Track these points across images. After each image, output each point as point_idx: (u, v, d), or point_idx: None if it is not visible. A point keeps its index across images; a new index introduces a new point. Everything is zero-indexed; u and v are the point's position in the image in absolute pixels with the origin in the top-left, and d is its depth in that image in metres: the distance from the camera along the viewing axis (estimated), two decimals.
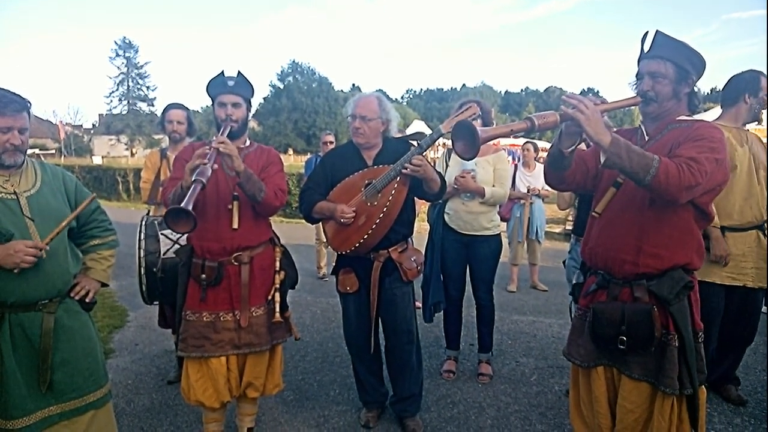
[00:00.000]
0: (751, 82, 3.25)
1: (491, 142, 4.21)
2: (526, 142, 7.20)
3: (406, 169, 2.82)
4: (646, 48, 2.19)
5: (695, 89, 2.22)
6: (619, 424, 2.25)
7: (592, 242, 2.33)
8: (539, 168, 6.75)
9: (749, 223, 3.19)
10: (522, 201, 6.53)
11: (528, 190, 6.51)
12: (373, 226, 2.88)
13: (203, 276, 2.78)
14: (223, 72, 2.85)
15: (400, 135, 3.35)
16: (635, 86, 2.25)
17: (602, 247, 2.27)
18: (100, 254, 2.57)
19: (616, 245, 2.22)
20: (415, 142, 2.96)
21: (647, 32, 2.19)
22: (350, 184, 3.03)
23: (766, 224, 3.25)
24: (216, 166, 2.60)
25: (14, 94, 2.21)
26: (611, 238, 2.24)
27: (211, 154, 2.53)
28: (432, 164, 3.05)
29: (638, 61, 2.24)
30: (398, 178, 2.87)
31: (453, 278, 3.94)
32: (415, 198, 3.18)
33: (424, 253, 3.63)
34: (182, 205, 2.30)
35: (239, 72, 2.88)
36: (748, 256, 3.22)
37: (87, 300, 2.44)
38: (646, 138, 2.25)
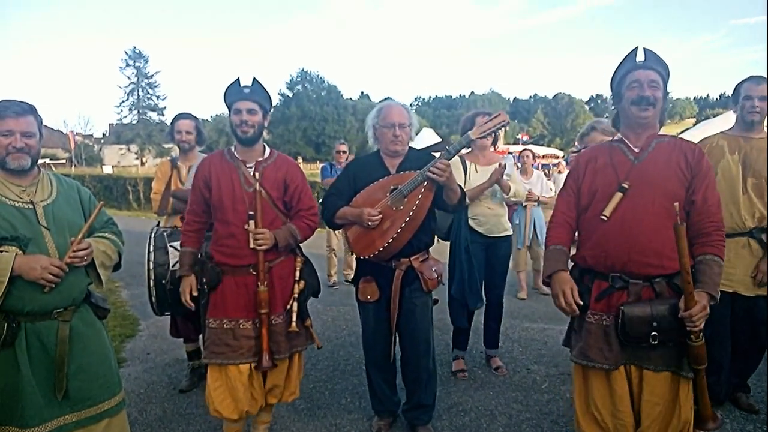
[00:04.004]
0: (735, 90, 3.34)
1: (495, 150, 4.33)
2: (524, 149, 7.44)
3: (432, 173, 2.79)
4: (640, 59, 2.36)
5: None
6: (647, 420, 2.31)
7: (601, 246, 2.36)
8: (537, 174, 6.97)
9: (732, 229, 3.16)
10: (525, 204, 6.55)
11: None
12: (399, 230, 2.86)
13: None
14: (238, 79, 2.85)
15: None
16: (619, 100, 2.41)
17: (620, 250, 2.30)
18: (104, 236, 2.48)
19: (637, 249, 2.27)
20: (437, 153, 2.95)
21: (637, 47, 2.38)
22: (374, 190, 3.03)
23: (765, 233, 3.20)
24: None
25: (19, 101, 2.23)
26: (629, 242, 2.28)
27: None
28: None
29: (625, 72, 2.39)
30: (425, 183, 2.86)
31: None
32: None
33: (448, 266, 3.72)
34: None
35: (255, 79, 2.87)
36: (735, 262, 3.20)
37: (83, 255, 2.29)
38: (636, 150, 2.38)
